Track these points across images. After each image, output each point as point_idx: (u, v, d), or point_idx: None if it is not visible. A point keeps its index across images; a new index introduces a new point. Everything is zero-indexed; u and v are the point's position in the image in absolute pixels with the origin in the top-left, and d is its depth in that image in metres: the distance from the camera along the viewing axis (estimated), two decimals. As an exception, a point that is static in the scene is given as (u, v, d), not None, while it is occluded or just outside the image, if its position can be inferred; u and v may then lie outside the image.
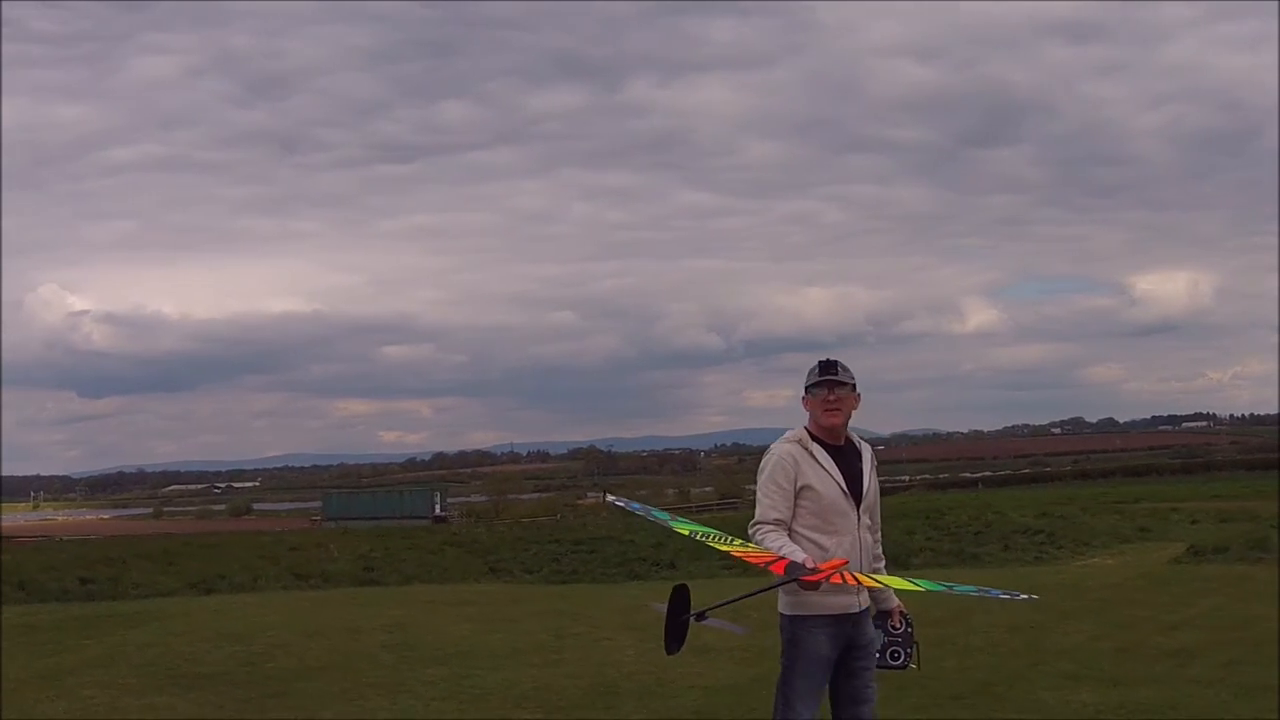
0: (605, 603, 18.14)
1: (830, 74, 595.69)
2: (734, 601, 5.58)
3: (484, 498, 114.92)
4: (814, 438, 5.77)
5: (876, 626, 5.99)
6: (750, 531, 5.68)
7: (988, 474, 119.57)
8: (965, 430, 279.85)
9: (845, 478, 5.73)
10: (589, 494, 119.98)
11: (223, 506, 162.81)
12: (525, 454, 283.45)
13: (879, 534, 6.01)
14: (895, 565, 22.75)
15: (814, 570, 5.31)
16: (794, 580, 5.33)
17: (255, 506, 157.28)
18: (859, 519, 5.77)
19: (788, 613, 5.72)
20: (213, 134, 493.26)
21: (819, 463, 5.70)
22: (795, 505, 5.66)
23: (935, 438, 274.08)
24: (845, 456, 5.80)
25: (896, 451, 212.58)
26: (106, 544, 35.99)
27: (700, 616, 5.32)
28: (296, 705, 10.31)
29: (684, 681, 10.97)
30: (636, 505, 6.70)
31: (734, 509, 75.74)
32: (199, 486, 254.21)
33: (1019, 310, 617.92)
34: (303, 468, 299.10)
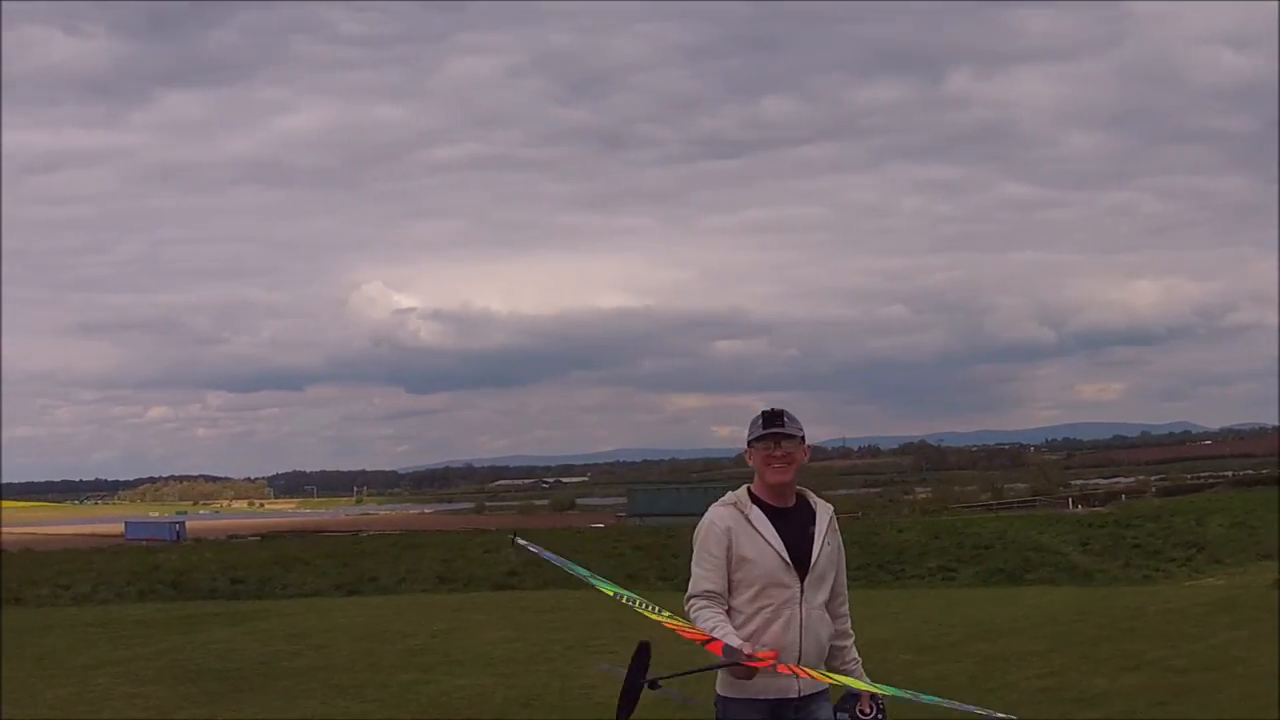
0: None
1: (1147, 63, 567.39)
2: (690, 674, 4.99)
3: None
4: (755, 499, 5.12)
5: (842, 710, 5.26)
6: (686, 606, 5.04)
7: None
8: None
9: (788, 545, 5.03)
10: (916, 490, 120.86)
11: (546, 501, 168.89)
12: (856, 449, 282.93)
13: (844, 607, 5.28)
14: (1009, 578, 22.84)
15: (750, 657, 4.73)
16: (732, 664, 4.78)
17: (579, 501, 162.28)
18: (802, 593, 5.04)
19: (721, 693, 5.06)
20: (535, 132, 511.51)
21: (756, 529, 5.03)
22: (730, 577, 5.01)
23: (1262, 432, 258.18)
24: (792, 520, 5.09)
25: (1220, 446, 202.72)
26: (297, 543, 39.25)
27: (654, 684, 4.84)
28: (251, 700, 11.98)
29: (602, 698, 11.98)
30: (551, 555, 5.83)
31: (1031, 507, 74.39)
32: (527, 481, 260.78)
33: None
34: (633, 463, 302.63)
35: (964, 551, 26.88)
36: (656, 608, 5.15)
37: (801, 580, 5.01)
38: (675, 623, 4.99)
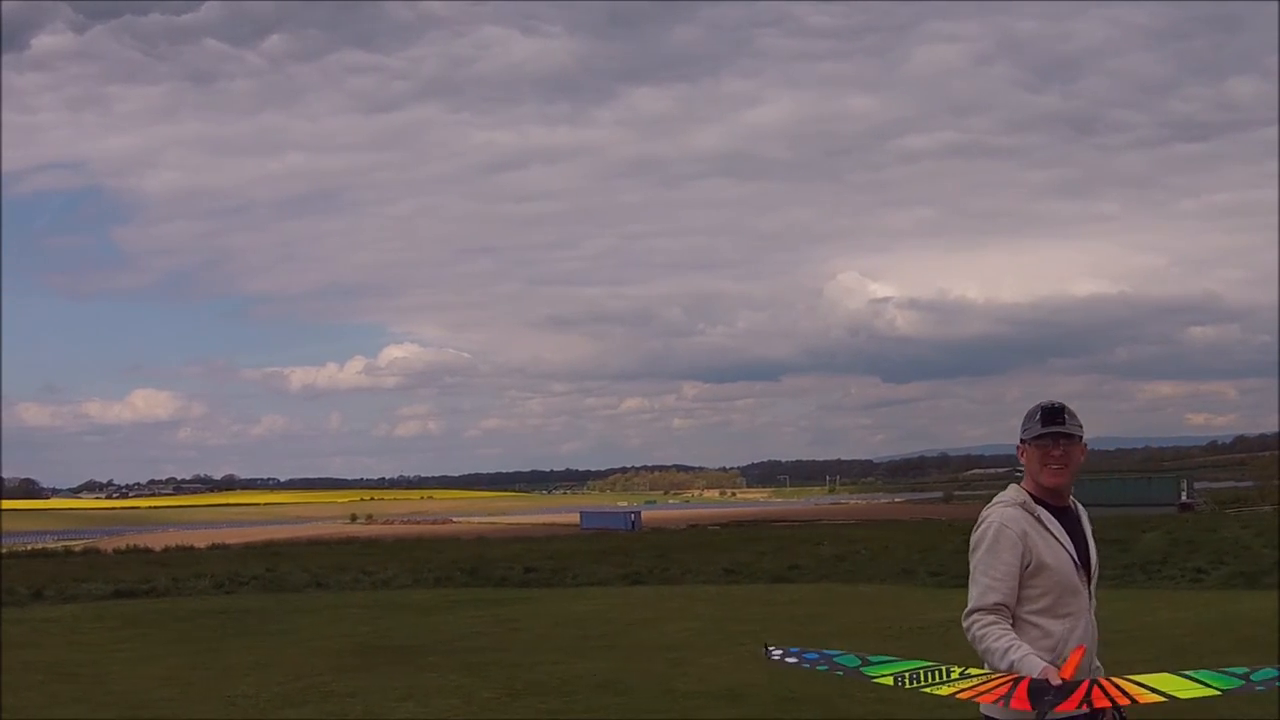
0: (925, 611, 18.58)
1: None
2: None
3: (1251, 483, 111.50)
4: (1036, 500, 4.78)
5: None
6: (965, 623, 4.59)
7: None
8: None
9: (1075, 548, 4.74)
10: None
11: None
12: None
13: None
14: (1248, 582, 21.15)
15: (1063, 688, 4.18)
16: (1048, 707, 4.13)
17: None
18: (1090, 597, 4.77)
19: (993, 717, 4.54)
20: (1006, 119, 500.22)
21: (1049, 531, 4.69)
22: (1021, 586, 4.62)
23: None
24: (1070, 521, 4.81)
25: None
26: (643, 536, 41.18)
27: None
28: (384, 671, 13.84)
29: (679, 685, 12.84)
30: (812, 654, 4.93)
31: None
32: (1001, 470, 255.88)
33: None
34: (1107, 451, 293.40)
35: (1252, 554, 25.24)
36: (946, 670, 4.52)
37: (1088, 585, 4.76)
38: (970, 686, 4.38)
